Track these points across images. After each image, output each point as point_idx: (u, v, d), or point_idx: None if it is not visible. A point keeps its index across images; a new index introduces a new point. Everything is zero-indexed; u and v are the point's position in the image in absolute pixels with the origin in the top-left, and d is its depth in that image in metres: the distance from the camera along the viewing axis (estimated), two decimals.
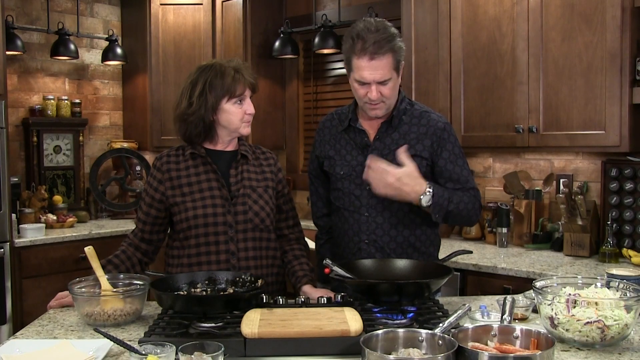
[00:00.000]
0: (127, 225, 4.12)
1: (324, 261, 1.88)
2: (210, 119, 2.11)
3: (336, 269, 1.84)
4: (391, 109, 2.15)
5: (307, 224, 4.17)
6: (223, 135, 2.16)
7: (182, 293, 1.83)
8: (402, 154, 2.00)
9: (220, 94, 2.08)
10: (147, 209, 2.16)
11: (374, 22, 2.06)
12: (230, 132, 2.14)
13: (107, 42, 4.57)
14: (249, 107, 2.13)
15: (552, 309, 1.58)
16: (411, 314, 1.70)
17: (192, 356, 1.37)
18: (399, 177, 1.96)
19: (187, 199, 2.09)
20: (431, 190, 2.00)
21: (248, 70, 2.15)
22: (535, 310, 1.76)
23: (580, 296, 1.61)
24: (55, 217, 4.05)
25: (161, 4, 4.45)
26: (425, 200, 2.00)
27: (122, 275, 2.01)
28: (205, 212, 2.07)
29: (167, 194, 2.12)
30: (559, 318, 1.57)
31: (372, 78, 2.03)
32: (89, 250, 1.95)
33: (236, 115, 2.11)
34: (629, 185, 2.92)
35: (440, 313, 1.74)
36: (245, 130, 2.15)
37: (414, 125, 2.16)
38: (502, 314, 1.56)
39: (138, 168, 4.61)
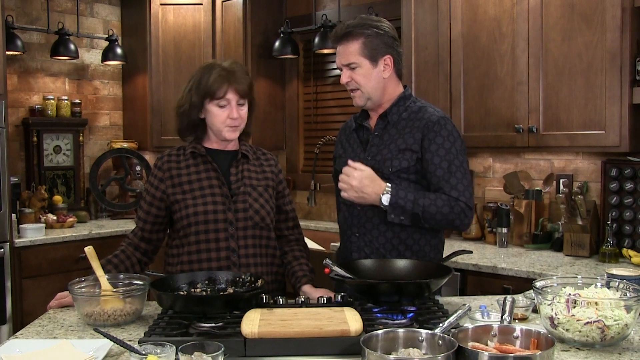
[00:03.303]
0: (127, 225, 4.13)
1: (324, 261, 1.88)
2: (196, 116, 2.12)
3: (336, 269, 1.84)
4: (377, 101, 2.15)
5: (307, 224, 4.21)
6: (212, 135, 2.16)
7: (182, 293, 1.83)
8: (351, 162, 2.03)
9: (202, 94, 2.09)
10: (147, 207, 2.16)
11: (357, 17, 2.16)
12: (215, 133, 2.14)
13: (107, 42, 4.57)
14: (232, 112, 2.08)
15: (552, 309, 1.58)
16: (411, 314, 1.69)
17: (192, 356, 1.37)
18: (360, 179, 1.99)
19: (187, 197, 2.10)
20: (389, 190, 2.00)
21: (241, 74, 2.10)
22: (535, 310, 1.76)
23: (580, 296, 1.61)
24: (55, 217, 4.04)
25: (161, 4, 4.45)
26: (385, 200, 2.00)
27: (122, 275, 2.01)
28: (206, 209, 2.08)
29: (167, 192, 2.13)
30: (559, 318, 1.57)
31: (339, 62, 2.16)
32: (89, 250, 1.95)
33: (218, 118, 2.09)
34: (629, 185, 2.92)
35: (440, 313, 1.74)
36: (229, 135, 2.12)
37: (411, 120, 2.14)
38: (502, 314, 1.56)
39: (138, 168, 4.61)
